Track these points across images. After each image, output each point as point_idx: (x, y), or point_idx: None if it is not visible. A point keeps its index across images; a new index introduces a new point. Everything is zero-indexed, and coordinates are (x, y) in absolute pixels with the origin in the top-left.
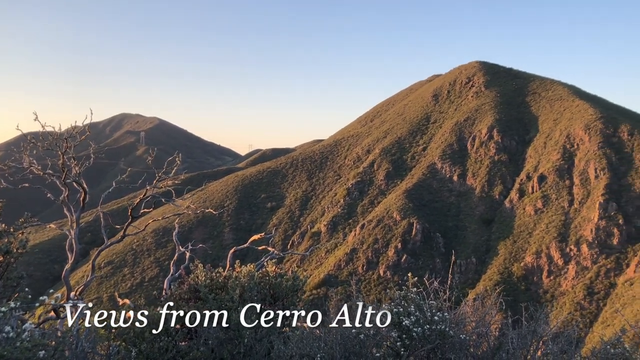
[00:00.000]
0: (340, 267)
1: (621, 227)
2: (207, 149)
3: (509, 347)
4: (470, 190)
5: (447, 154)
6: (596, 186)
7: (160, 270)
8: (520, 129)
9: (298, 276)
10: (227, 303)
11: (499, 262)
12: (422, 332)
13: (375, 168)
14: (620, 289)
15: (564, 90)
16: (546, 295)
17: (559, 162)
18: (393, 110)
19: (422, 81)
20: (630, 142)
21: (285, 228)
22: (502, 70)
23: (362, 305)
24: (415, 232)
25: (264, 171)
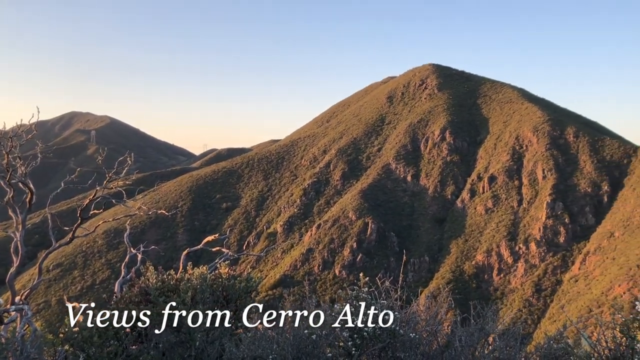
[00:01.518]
0: (296, 268)
1: (567, 226)
2: (160, 148)
3: (457, 345)
4: (423, 190)
5: (402, 154)
6: (544, 186)
7: (112, 273)
8: (472, 131)
9: (252, 277)
10: (178, 306)
11: (451, 260)
12: (372, 331)
13: (331, 168)
14: (566, 286)
15: (513, 93)
16: (496, 292)
17: (509, 163)
18: (349, 111)
19: (377, 83)
20: (575, 144)
21: (241, 229)
22: (455, 73)
23: (316, 305)
24: (370, 231)
25: (219, 171)
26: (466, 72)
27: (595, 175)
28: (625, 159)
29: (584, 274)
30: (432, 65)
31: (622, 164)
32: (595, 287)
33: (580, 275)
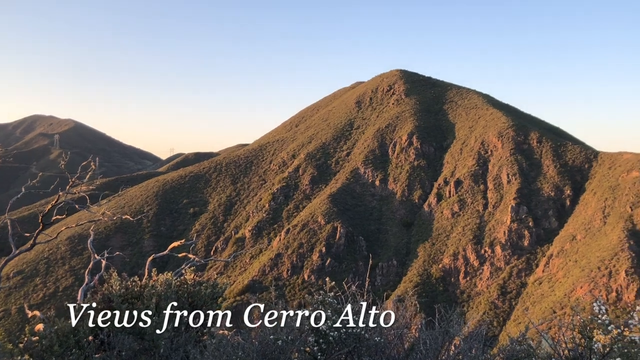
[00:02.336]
0: (264, 273)
1: (531, 230)
2: (126, 152)
3: (421, 348)
4: (391, 195)
5: (370, 159)
6: (508, 190)
7: (76, 280)
8: (438, 136)
9: (217, 283)
10: (142, 313)
11: (419, 264)
12: (338, 335)
13: (300, 173)
14: (530, 288)
15: (478, 99)
16: (463, 295)
17: (474, 167)
18: (318, 116)
19: (345, 88)
20: (539, 149)
21: (209, 234)
22: (421, 78)
23: (284, 310)
24: (339, 236)
25: (186, 176)
26: (432, 78)
27: (558, 180)
28: (586, 164)
29: (548, 277)
30: (399, 71)
31: (583, 169)
32: (558, 289)
33: (544, 278)
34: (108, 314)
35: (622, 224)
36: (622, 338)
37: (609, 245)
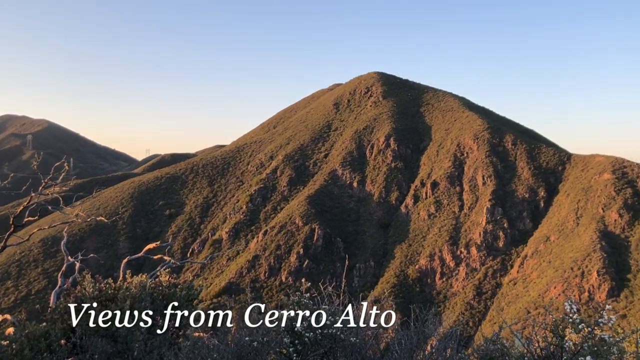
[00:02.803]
0: (242, 275)
1: (506, 231)
2: (100, 153)
3: (396, 349)
4: (369, 196)
5: (348, 161)
6: (484, 192)
7: (49, 282)
8: (415, 138)
9: (193, 285)
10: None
11: (396, 265)
12: (314, 336)
13: (278, 174)
14: (505, 289)
15: (455, 101)
16: (439, 296)
17: (450, 169)
18: (296, 118)
19: (323, 89)
20: (513, 151)
21: (185, 236)
22: (399, 81)
23: (259, 313)
24: (317, 237)
25: (163, 177)
26: (410, 81)
27: (532, 182)
28: (560, 166)
29: (522, 277)
30: (377, 73)
31: (557, 171)
32: (532, 289)
33: (519, 278)
34: (105, 311)
35: (594, 225)
36: (592, 337)
37: (582, 246)
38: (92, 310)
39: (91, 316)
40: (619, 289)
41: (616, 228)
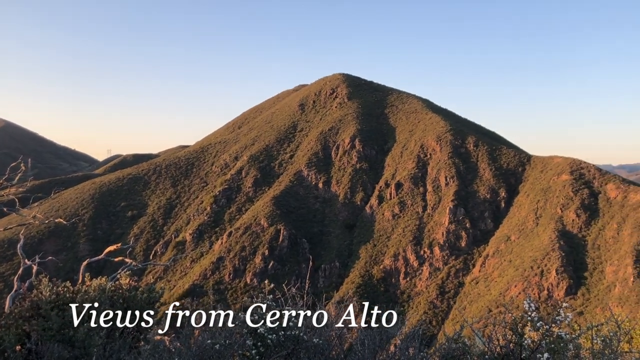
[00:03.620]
0: (206, 277)
1: (468, 231)
2: (60, 154)
3: (358, 349)
4: (334, 197)
5: (313, 162)
6: (446, 193)
7: (5, 286)
8: (380, 139)
9: (154, 288)
10: (73, 319)
11: (361, 265)
12: (276, 338)
13: (243, 175)
14: (467, 288)
15: (418, 103)
16: (403, 295)
17: (414, 170)
18: (261, 118)
19: (289, 90)
20: (475, 153)
21: (148, 238)
22: (364, 83)
23: (224, 315)
24: (282, 238)
25: (124, 178)
26: (374, 83)
27: (494, 182)
28: (520, 167)
29: (484, 276)
30: (342, 74)
31: (517, 172)
32: (494, 288)
33: (481, 277)
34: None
35: (553, 225)
36: (550, 334)
37: (541, 245)
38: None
39: (50, 320)
40: (576, 287)
41: (574, 228)
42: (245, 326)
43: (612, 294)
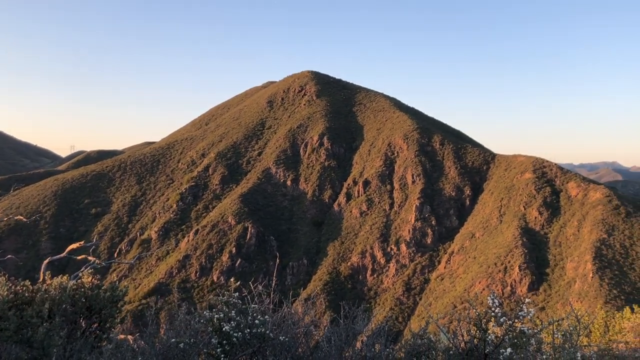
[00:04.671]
0: (172, 275)
1: (434, 228)
2: (21, 149)
3: (324, 346)
4: (302, 195)
5: (282, 159)
6: (413, 190)
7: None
8: (348, 137)
9: (117, 286)
10: (31, 319)
11: (328, 262)
12: (242, 337)
13: (210, 172)
14: (433, 284)
15: (386, 102)
16: (370, 292)
17: (381, 168)
18: (229, 115)
19: (257, 87)
20: (441, 151)
21: (112, 235)
22: (332, 80)
23: (186, 313)
24: (250, 236)
25: (88, 174)
26: (343, 81)
27: (459, 180)
28: (484, 165)
29: (449, 273)
30: (310, 72)
31: (482, 170)
32: (459, 284)
33: (446, 274)
34: None
35: (516, 222)
36: (513, 329)
37: (505, 242)
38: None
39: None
40: (538, 283)
41: (536, 225)
42: (211, 324)
43: (573, 290)
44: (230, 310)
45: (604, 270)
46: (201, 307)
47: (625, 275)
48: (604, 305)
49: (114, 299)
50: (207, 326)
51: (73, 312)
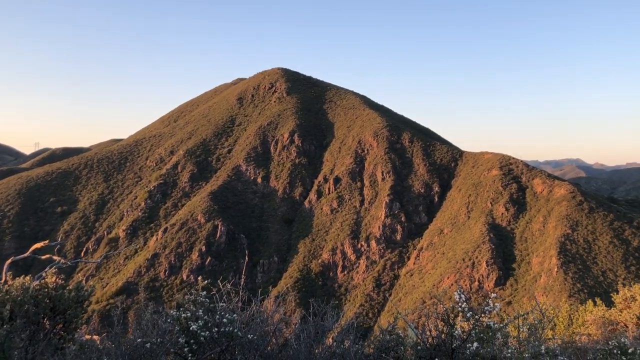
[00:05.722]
0: (140, 274)
1: (403, 224)
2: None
3: (293, 343)
4: (273, 192)
5: (252, 156)
6: (383, 187)
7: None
8: (319, 134)
9: (83, 286)
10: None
11: (299, 259)
12: (210, 335)
13: (179, 170)
14: (402, 280)
15: (356, 99)
16: (340, 289)
17: (352, 165)
18: (198, 111)
19: (227, 83)
20: (410, 148)
21: (79, 234)
22: (303, 78)
23: (153, 313)
24: (220, 234)
25: (54, 172)
26: (313, 78)
27: (428, 177)
28: (452, 163)
29: (418, 268)
30: (281, 69)
31: (450, 167)
32: (428, 280)
33: (415, 270)
34: None
35: (484, 218)
36: (479, 324)
37: (472, 238)
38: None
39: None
40: (505, 278)
41: (503, 221)
42: (178, 324)
43: (538, 284)
44: (197, 309)
45: (568, 265)
46: (170, 306)
47: (589, 269)
48: (568, 298)
49: (79, 299)
50: (174, 325)
51: (36, 313)
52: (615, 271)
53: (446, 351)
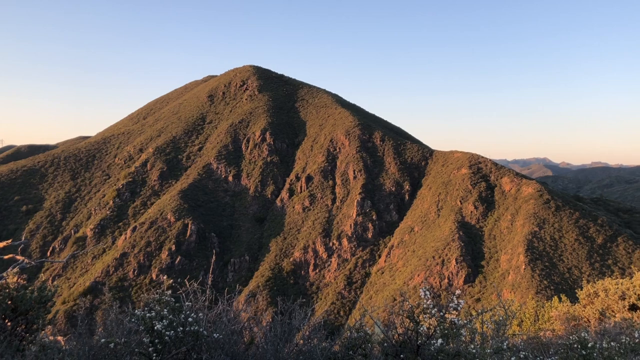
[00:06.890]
0: (109, 273)
1: (375, 222)
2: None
3: (261, 342)
4: (244, 190)
5: (223, 154)
6: (354, 186)
7: None
8: (291, 133)
9: (46, 286)
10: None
11: (271, 258)
12: (175, 335)
13: (148, 168)
14: (374, 278)
15: (328, 98)
16: (312, 287)
17: (324, 164)
18: (168, 109)
19: (197, 81)
20: (382, 147)
21: (45, 233)
22: (274, 76)
23: (118, 313)
24: (190, 232)
25: (18, 170)
26: (285, 76)
27: (399, 176)
28: (423, 161)
29: (389, 266)
30: (252, 66)
31: (420, 166)
32: (398, 277)
33: (386, 267)
34: None
35: (453, 216)
36: (444, 320)
37: (442, 235)
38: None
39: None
40: (474, 275)
41: (472, 219)
42: (142, 323)
43: (506, 281)
44: (162, 309)
45: (535, 262)
46: (139, 306)
47: (555, 266)
48: (535, 295)
49: (42, 300)
50: (139, 325)
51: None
52: (581, 268)
53: (412, 347)
